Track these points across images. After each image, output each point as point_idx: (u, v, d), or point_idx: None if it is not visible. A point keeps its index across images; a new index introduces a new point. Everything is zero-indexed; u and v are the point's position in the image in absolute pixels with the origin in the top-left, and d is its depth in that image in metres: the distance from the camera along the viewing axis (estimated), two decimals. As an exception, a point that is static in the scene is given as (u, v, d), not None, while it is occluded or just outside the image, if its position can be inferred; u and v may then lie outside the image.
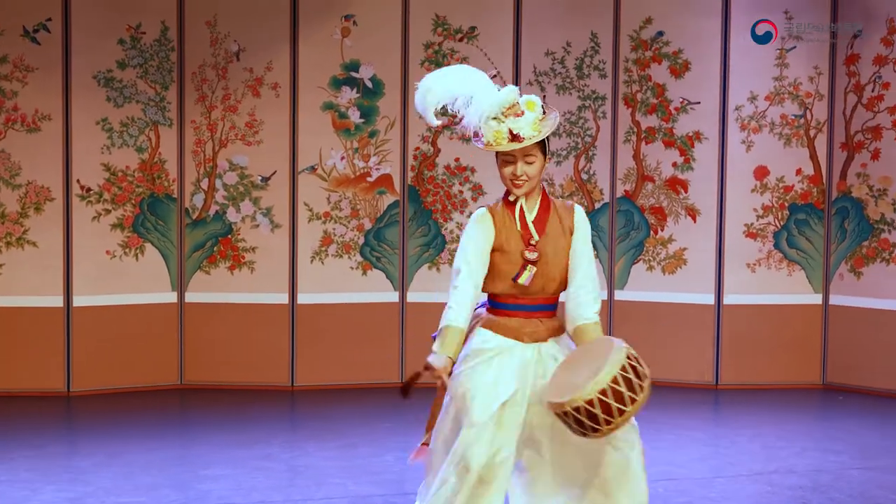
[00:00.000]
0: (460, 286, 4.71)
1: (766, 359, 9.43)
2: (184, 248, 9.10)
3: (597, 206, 9.51)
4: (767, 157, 9.38)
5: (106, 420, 8.27)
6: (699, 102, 9.38)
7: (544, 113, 4.72)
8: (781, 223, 9.40)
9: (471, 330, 4.82)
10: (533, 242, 4.75)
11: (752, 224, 9.39)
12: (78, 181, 8.84)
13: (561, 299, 4.92)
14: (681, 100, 9.41)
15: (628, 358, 4.48)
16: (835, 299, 9.40)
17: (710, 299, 9.36)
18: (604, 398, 4.40)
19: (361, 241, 9.23)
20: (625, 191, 9.53)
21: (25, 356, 8.82)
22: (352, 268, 9.22)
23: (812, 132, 9.38)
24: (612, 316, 9.47)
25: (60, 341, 8.86)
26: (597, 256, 9.40)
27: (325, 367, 9.22)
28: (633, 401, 4.42)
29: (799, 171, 9.38)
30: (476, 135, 4.73)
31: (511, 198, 4.82)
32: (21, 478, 6.79)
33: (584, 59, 9.42)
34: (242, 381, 9.16)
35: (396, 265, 9.26)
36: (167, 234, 9.06)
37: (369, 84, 9.15)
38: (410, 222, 9.27)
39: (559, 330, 4.85)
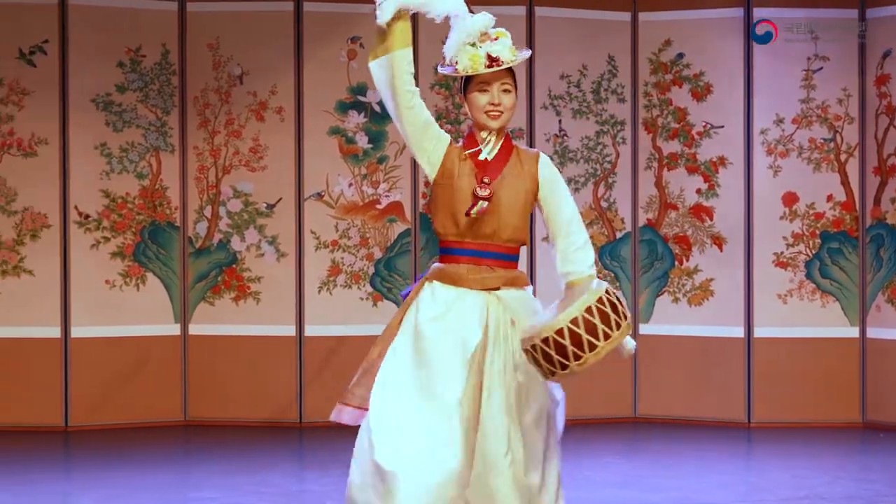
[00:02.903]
0: None
1: (801, 396, 8.94)
2: (187, 279, 8.78)
3: (618, 235, 9.12)
4: (796, 182, 8.98)
5: (103, 455, 7.88)
6: (723, 126, 9.02)
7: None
8: (813, 252, 8.97)
9: (420, 287, 4.54)
10: (486, 181, 4.47)
11: (781, 253, 8.97)
12: (76, 207, 8.57)
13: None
14: (703, 124, 9.06)
15: (607, 293, 4.13)
16: (872, 332, 8.92)
17: (739, 332, 8.92)
18: (574, 328, 4.05)
19: (371, 270, 8.88)
20: (647, 219, 9.15)
21: (22, 389, 8.48)
22: (361, 299, 8.86)
23: (843, 156, 8.98)
24: (637, 350, 9.03)
25: (58, 374, 8.53)
26: (618, 287, 9.00)
27: (334, 403, 8.79)
28: (606, 336, 4.07)
29: (830, 198, 8.97)
30: (447, 63, 4.49)
31: (484, 133, 4.53)
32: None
33: (601, 83, 9.10)
34: (249, 416, 8.76)
35: (408, 296, 8.88)
36: (169, 263, 8.75)
37: (377, 108, 8.85)
38: (422, 251, 8.91)
39: (516, 281, 4.50)
